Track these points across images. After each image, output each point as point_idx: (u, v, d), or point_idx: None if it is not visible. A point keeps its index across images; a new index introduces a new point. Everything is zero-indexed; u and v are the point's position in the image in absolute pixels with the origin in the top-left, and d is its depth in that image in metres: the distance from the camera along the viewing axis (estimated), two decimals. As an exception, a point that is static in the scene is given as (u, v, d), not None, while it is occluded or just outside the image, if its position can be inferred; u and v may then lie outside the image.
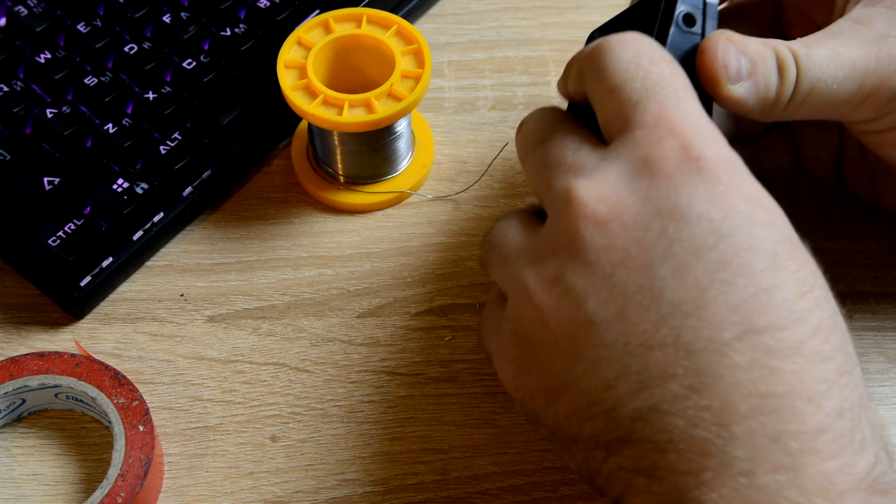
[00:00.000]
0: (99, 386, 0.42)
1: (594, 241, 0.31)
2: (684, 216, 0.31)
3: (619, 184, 0.32)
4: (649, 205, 0.31)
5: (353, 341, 0.46)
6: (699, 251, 0.30)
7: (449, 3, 0.58)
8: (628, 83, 0.33)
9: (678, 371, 0.29)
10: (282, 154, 0.52)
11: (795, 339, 0.29)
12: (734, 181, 0.31)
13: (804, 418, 0.29)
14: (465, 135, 0.53)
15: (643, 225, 0.31)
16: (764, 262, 0.30)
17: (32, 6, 0.53)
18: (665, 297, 0.30)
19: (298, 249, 0.49)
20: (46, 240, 0.45)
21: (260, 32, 0.53)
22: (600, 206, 0.31)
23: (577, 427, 0.32)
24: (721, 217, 0.30)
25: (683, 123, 0.32)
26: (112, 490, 0.39)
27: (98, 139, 0.49)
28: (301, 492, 0.42)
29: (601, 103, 0.34)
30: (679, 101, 0.33)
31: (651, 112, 0.32)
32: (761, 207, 0.31)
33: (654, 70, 0.33)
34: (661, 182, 0.31)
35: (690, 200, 0.31)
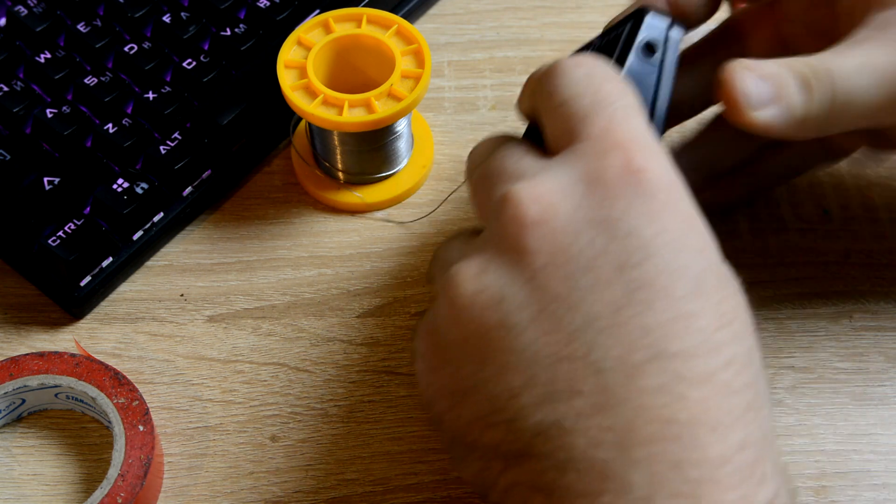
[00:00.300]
0: (99, 386, 0.42)
1: (520, 242, 0.31)
2: (614, 229, 0.30)
3: (556, 188, 0.31)
4: (581, 212, 0.30)
5: (353, 341, 0.46)
6: (622, 267, 0.29)
7: (449, 3, 0.58)
8: (577, 98, 0.33)
9: (585, 388, 0.29)
10: (282, 154, 0.52)
11: (706, 368, 0.29)
12: (671, 200, 0.31)
13: (706, 447, 0.28)
14: (465, 135, 0.53)
15: (572, 232, 0.30)
16: (686, 287, 0.29)
17: (32, 6, 0.53)
18: (581, 310, 0.29)
19: (298, 249, 0.49)
20: (46, 240, 0.45)
21: (260, 32, 0.53)
22: (532, 207, 0.31)
23: (478, 434, 0.31)
24: (651, 235, 0.30)
25: (629, 138, 0.31)
26: (112, 490, 0.39)
27: (98, 139, 0.49)
28: (301, 492, 0.42)
29: (549, 117, 0.34)
30: (627, 117, 0.32)
31: (598, 125, 0.32)
32: (694, 231, 0.31)
33: (604, 87, 0.33)
34: (598, 191, 0.31)
35: (623, 214, 0.30)
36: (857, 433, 0.43)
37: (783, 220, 0.49)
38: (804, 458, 0.42)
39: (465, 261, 0.32)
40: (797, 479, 0.41)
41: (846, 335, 0.46)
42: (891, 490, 0.41)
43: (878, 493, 0.41)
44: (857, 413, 0.43)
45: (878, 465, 0.42)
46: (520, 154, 0.34)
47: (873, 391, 0.44)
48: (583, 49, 0.40)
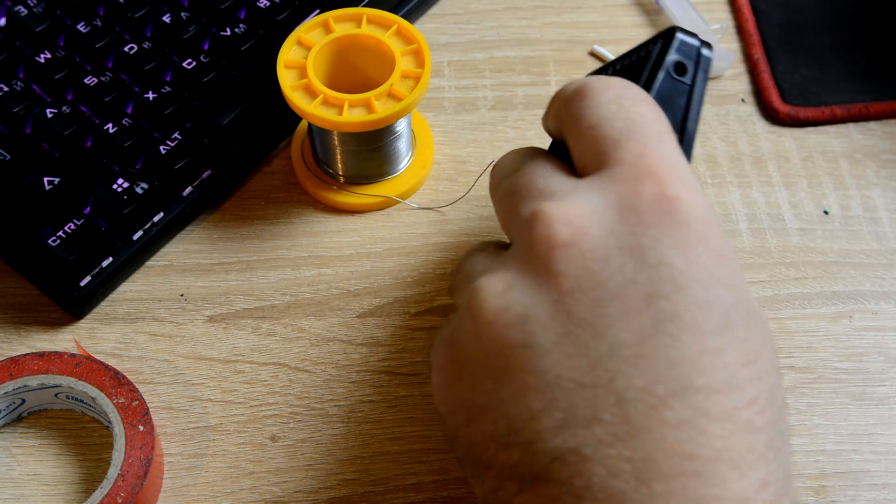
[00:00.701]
0: (99, 386, 0.42)
1: (549, 263, 0.30)
2: (645, 257, 0.29)
3: (588, 211, 0.31)
4: (612, 238, 0.30)
5: (353, 341, 0.46)
6: (651, 297, 0.29)
7: (449, 3, 0.58)
8: (608, 121, 0.32)
9: (605, 416, 0.28)
10: (282, 154, 0.52)
11: (730, 405, 0.28)
12: (704, 231, 0.30)
13: (726, 484, 0.28)
14: (465, 135, 0.53)
15: (602, 257, 0.30)
16: (714, 322, 0.29)
17: (32, 6, 0.53)
18: (607, 338, 0.29)
19: (298, 249, 0.49)
20: (46, 240, 0.45)
21: (260, 32, 0.53)
22: (563, 228, 0.30)
23: (494, 453, 0.31)
24: (682, 267, 0.29)
25: (663, 165, 0.31)
26: (112, 490, 0.39)
27: (98, 139, 0.49)
28: (301, 492, 0.42)
29: (578, 141, 0.33)
30: (661, 143, 0.32)
31: (632, 150, 0.31)
32: (725, 265, 0.30)
33: (635, 110, 0.32)
34: (630, 218, 0.30)
35: (655, 242, 0.30)
36: (857, 433, 0.43)
37: (783, 220, 0.49)
38: (804, 458, 0.42)
39: (490, 276, 0.32)
40: (797, 479, 0.41)
41: (846, 335, 0.46)
42: (891, 490, 0.41)
43: (878, 493, 0.41)
44: (857, 413, 0.43)
45: (878, 465, 0.42)
46: (549, 171, 0.33)
47: (873, 391, 0.44)
48: (601, 70, 0.39)
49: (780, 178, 0.51)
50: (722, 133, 0.53)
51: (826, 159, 0.51)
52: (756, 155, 0.52)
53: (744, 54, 0.55)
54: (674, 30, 0.36)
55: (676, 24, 0.55)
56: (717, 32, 0.55)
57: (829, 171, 0.51)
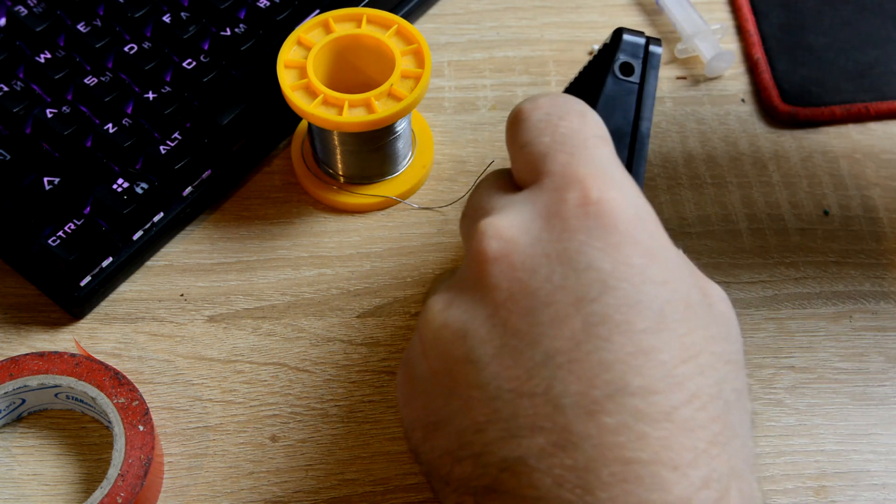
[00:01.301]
0: (99, 386, 0.42)
1: (483, 278, 0.31)
2: (572, 262, 0.30)
3: (517, 222, 0.31)
4: (539, 247, 0.30)
5: (353, 341, 0.46)
6: (580, 301, 0.29)
7: (449, 3, 0.58)
8: (537, 138, 0.33)
9: (546, 424, 0.28)
10: (282, 154, 0.52)
11: (668, 404, 0.28)
12: (633, 231, 0.30)
13: (668, 487, 0.28)
14: (465, 135, 0.53)
15: (530, 267, 0.30)
16: (648, 321, 0.29)
17: (32, 6, 0.53)
18: (541, 345, 0.29)
19: (298, 249, 0.49)
20: (46, 240, 0.45)
21: (260, 32, 0.53)
22: (493, 243, 0.31)
23: (449, 468, 0.31)
24: (610, 269, 0.29)
25: (589, 170, 0.31)
26: (112, 490, 0.39)
27: (98, 139, 0.49)
28: (301, 492, 0.42)
29: (514, 162, 0.34)
30: (587, 150, 0.32)
31: (558, 161, 0.32)
32: (658, 263, 0.30)
33: (562, 124, 0.33)
34: (555, 225, 0.30)
35: (581, 246, 0.30)
36: (857, 433, 0.43)
37: (783, 220, 0.49)
38: (804, 458, 0.42)
39: (435, 295, 0.33)
40: (797, 479, 0.41)
41: (846, 335, 0.46)
42: (891, 490, 0.41)
43: (878, 493, 0.41)
44: (857, 413, 0.43)
45: (878, 465, 0.42)
46: (493, 190, 0.34)
47: (873, 391, 0.44)
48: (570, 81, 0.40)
49: (780, 178, 0.51)
50: (722, 133, 0.53)
51: (826, 159, 0.51)
52: (756, 155, 0.52)
53: (744, 54, 0.55)
54: (620, 31, 0.36)
55: (676, 24, 0.55)
56: (717, 32, 0.55)
57: (828, 171, 0.51)
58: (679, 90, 0.54)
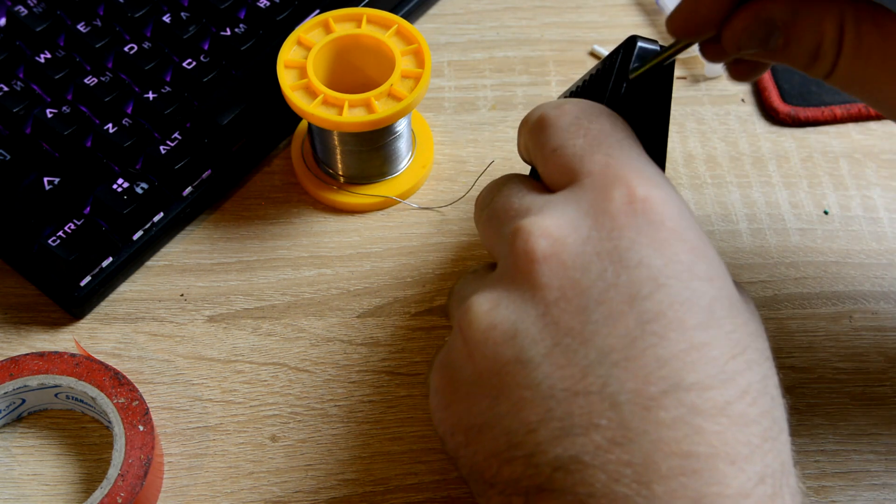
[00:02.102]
0: (99, 386, 0.42)
1: (532, 277, 0.31)
2: (624, 260, 0.30)
3: (564, 221, 0.31)
4: (590, 245, 0.30)
5: (353, 341, 0.46)
6: (634, 299, 0.29)
7: (449, 3, 0.58)
8: (570, 140, 0.33)
9: (602, 422, 0.29)
10: (282, 154, 0.52)
11: (722, 399, 0.29)
12: (679, 227, 0.31)
13: (726, 481, 0.28)
14: (465, 135, 0.53)
15: (582, 265, 0.30)
16: (698, 317, 0.29)
17: (32, 6, 0.53)
18: (595, 343, 0.29)
19: (298, 249, 0.49)
20: (46, 240, 0.45)
21: (260, 32, 0.53)
22: (541, 242, 0.31)
23: (497, 469, 0.31)
24: (661, 265, 0.30)
25: (630, 169, 0.32)
26: (112, 490, 0.39)
27: (98, 139, 0.49)
28: (301, 492, 0.42)
29: (545, 165, 0.34)
30: (624, 150, 0.32)
31: (597, 162, 0.32)
32: (704, 259, 0.30)
33: (594, 126, 0.33)
34: (605, 223, 0.31)
35: (632, 244, 0.30)
36: (857, 433, 0.43)
37: (783, 220, 0.49)
38: (804, 458, 0.42)
39: (477, 295, 0.32)
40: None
41: (846, 335, 0.46)
42: (891, 490, 0.41)
43: (878, 493, 0.41)
44: (857, 413, 0.43)
45: (878, 465, 0.42)
46: (524, 191, 0.34)
47: (873, 391, 0.44)
48: (575, 87, 0.40)
49: (780, 178, 0.51)
50: (722, 133, 0.53)
51: (826, 159, 0.51)
52: (756, 155, 0.52)
53: (744, 54, 0.55)
54: (634, 39, 0.36)
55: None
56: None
57: (829, 171, 0.51)
58: (679, 90, 0.54)
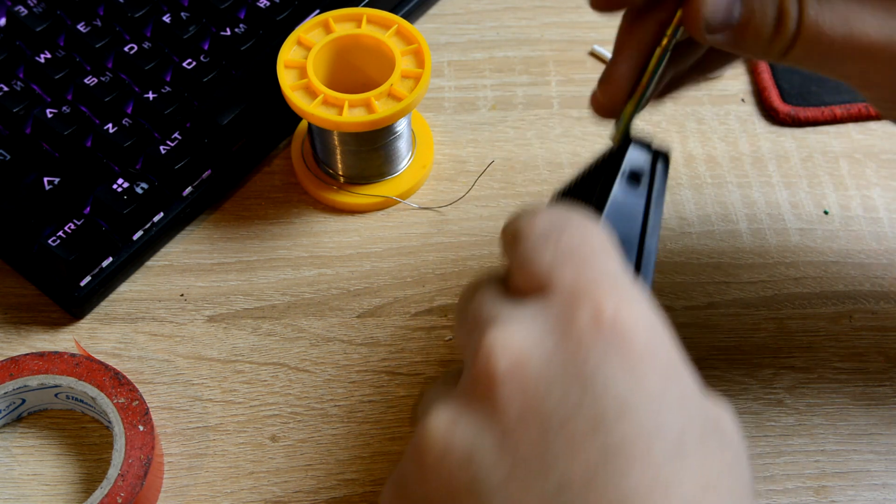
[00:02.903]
0: (99, 386, 0.42)
1: (492, 398, 0.29)
2: (589, 383, 0.28)
3: (528, 336, 0.29)
4: (553, 365, 0.29)
5: (353, 341, 0.46)
6: (598, 427, 0.28)
7: (449, 3, 0.58)
8: (538, 254, 0.31)
9: None
10: (282, 154, 0.52)
11: None
12: (650, 348, 0.29)
13: None
14: (465, 135, 0.53)
15: (544, 387, 0.28)
16: (666, 449, 0.27)
17: (32, 6, 0.53)
18: (554, 474, 0.27)
19: (298, 249, 0.49)
20: (46, 240, 0.45)
21: (260, 32, 0.53)
22: (503, 361, 0.29)
23: None
24: (628, 390, 0.28)
25: (599, 284, 0.30)
26: (112, 490, 0.39)
27: (98, 139, 0.49)
28: (301, 492, 0.42)
29: (515, 276, 0.32)
30: (594, 262, 0.31)
31: (565, 275, 0.30)
32: (676, 383, 0.29)
33: (564, 237, 0.31)
34: (570, 342, 0.29)
35: (598, 366, 0.28)
36: (857, 433, 0.43)
37: (783, 220, 0.49)
38: (804, 458, 0.42)
39: (437, 411, 0.30)
40: (797, 479, 0.41)
41: (846, 335, 0.46)
42: (891, 490, 0.41)
43: (878, 493, 0.41)
44: (857, 413, 0.43)
45: (878, 465, 0.42)
46: (496, 296, 0.32)
47: (873, 391, 0.44)
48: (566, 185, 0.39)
49: (780, 178, 0.51)
50: (722, 133, 0.53)
51: (826, 159, 0.51)
52: (756, 155, 0.52)
53: (744, 54, 0.55)
54: (628, 140, 0.36)
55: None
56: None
57: (829, 171, 0.51)
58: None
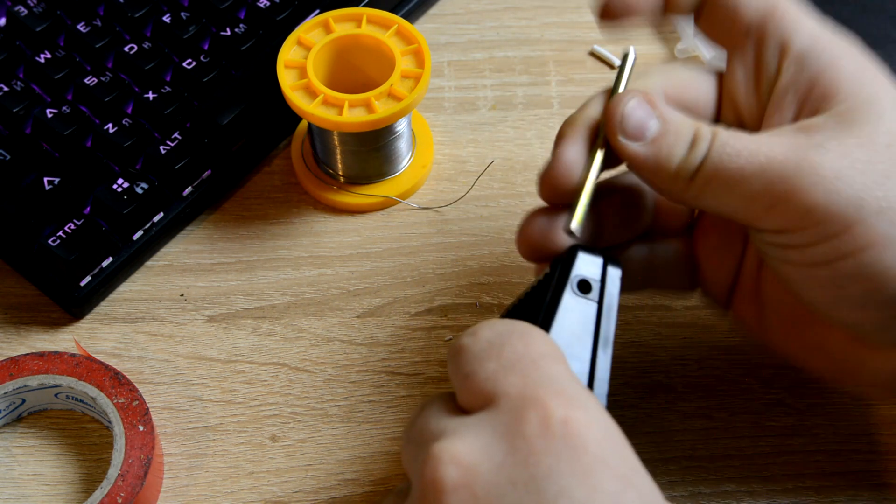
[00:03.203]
0: (99, 386, 0.42)
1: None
2: (541, 490, 0.27)
3: (476, 447, 0.29)
4: (503, 473, 0.28)
5: (353, 341, 0.46)
6: None
7: (449, 3, 0.58)
8: (482, 365, 0.31)
9: None
10: (282, 154, 0.52)
11: None
12: (604, 453, 0.28)
13: None
14: (465, 135, 0.53)
15: (495, 496, 0.27)
16: None
17: (32, 6, 0.53)
18: None
19: (298, 249, 0.49)
20: (46, 240, 0.45)
21: (260, 32, 0.53)
22: (451, 470, 0.28)
23: None
24: (583, 497, 0.27)
25: (547, 389, 0.29)
26: (112, 490, 0.39)
27: (98, 139, 0.49)
28: (301, 492, 0.42)
29: (460, 391, 0.32)
30: (539, 369, 0.30)
31: (511, 383, 0.30)
32: (632, 488, 0.28)
33: (507, 348, 0.31)
34: (520, 448, 0.28)
35: (550, 471, 0.27)
36: (857, 433, 0.43)
37: (783, 220, 0.49)
38: (804, 458, 0.42)
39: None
40: (797, 479, 0.41)
41: (846, 335, 0.46)
42: (891, 490, 0.41)
43: (878, 493, 0.41)
44: (857, 413, 0.43)
45: (878, 465, 0.42)
46: (442, 413, 0.32)
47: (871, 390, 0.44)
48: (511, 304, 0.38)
49: (780, 178, 0.51)
50: (722, 133, 0.53)
51: (826, 159, 0.51)
52: (756, 155, 0.52)
53: (744, 54, 0.55)
54: (574, 249, 0.35)
55: (676, 24, 0.55)
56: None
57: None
58: (679, 90, 0.54)
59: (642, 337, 0.45)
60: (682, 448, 0.42)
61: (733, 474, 0.41)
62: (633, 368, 0.44)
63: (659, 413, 0.43)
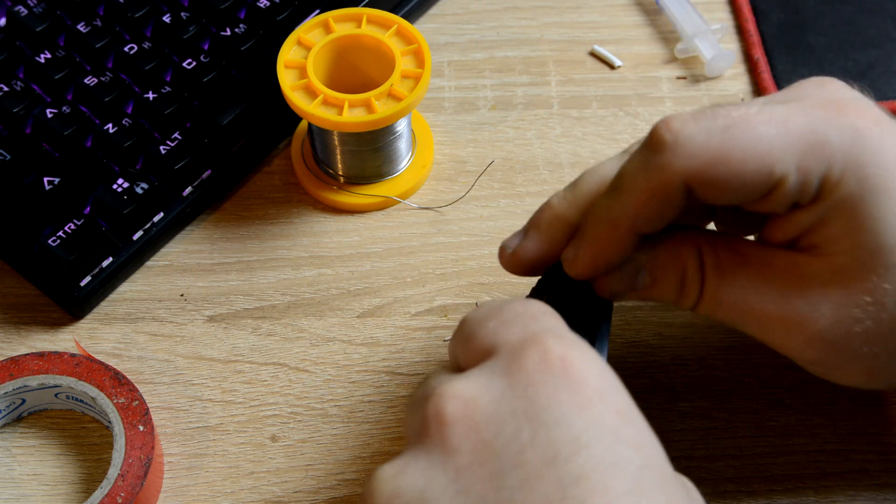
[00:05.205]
0: (99, 386, 0.42)
1: (442, 440, 0.29)
2: (541, 419, 0.28)
3: (476, 384, 0.29)
4: (504, 404, 0.28)
5: (353, 341, 0.46)
6: (553, 461, 0.27)
7: (449, 3, 0.58)
8: (483, 325, 0.32)
9: None
10: (282, 154, 0.52)
11: None
12: (603, 389, 0.29)
13: None
14: (465, 135, 0.53)
15: (495, 426, 0.28)
16: (625, 484, 0.27)
17: (32, 6, 0.53)
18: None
19: (298, 249, 0.49)
20: (46, 240, 0.45)
21: (260, 32, 0.53)
22: (452, 403, 0.29)
23: None
24: (582, 425, 0.28)
25: (546, 333, 0.30)
26: (112, 490, 0.39)
27: (98, 139, 0.49)
28: (301, 492, 0.42)
29: (463, 353, 0.32)
30: (538, 321, 0.31)
31: (512, 333, 0.31)
32: (631, 424, 0.28)
33: (505, 309, 0.32)
34: (520, 381, 0.29)
35: (549, 402, 0.28)
36: (857, 433, 0.43)
37: (783, 220, 0.49)
38: (804, 458, 0.42)
39: (383, 466, 0.30)
40: (797, 479, 0.41)
41: (846, 335, 0.46)
42: (891, 490, 0.41)
43: (878, 493, 0.41)
44: (857, 413, 0.43)
45: (878, 465, 0.42)
46: (444, 374, 0.32)
47: (873, 391, 0.44)
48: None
49: (780, 178, 0.51)
50: (722, 133, 0.52)
51: (826, 159, 0.51)
52: (756, 155, 0.52)
53: (744, 54, 0.55)
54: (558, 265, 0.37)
55: (676, 24, 0.55)
56: (717, 32, 0.55)
57: (829, 171, 0.51)
58: (679, 90, 0.54)
59: (642, 337, 0.45)
60: (681, 448, 0.42)
61: (733, 474, 0.41)
62: (633, 368, 0.44)
63: (659, 413, 0.43)
